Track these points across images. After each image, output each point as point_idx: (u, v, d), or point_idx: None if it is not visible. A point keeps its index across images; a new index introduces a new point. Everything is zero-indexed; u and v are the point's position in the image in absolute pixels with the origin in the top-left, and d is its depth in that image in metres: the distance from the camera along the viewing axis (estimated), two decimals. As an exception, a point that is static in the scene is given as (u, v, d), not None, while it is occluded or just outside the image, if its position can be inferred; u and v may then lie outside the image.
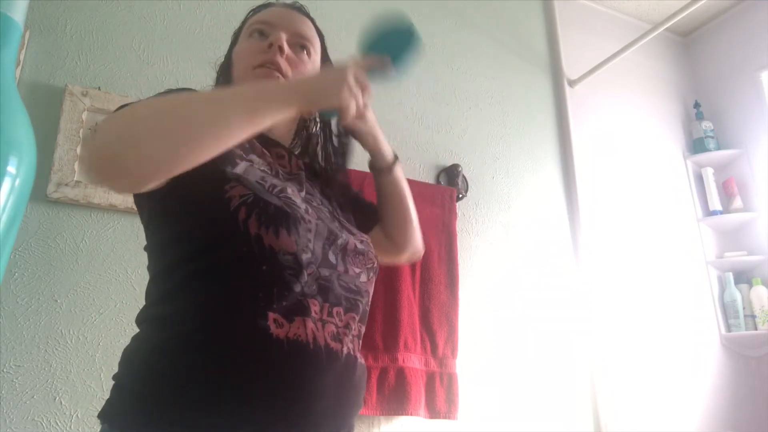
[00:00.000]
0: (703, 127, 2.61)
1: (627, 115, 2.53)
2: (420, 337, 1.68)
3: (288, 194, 0.78)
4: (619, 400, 2.01)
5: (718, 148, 2.60)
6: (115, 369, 0.74)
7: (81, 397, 1.32)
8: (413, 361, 1.64)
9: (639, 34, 2.25)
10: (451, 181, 1.97)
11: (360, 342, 0.82)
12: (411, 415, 1.58)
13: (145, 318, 0.75)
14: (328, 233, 0.78)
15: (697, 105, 2.68)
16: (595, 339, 2.05)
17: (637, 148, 2.49)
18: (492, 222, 2.04)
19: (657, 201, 2.43)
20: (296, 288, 0.72)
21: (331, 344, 0.73)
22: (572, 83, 2.40)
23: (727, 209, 2.49)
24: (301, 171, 0.88)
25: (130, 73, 1.59)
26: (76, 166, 1.44)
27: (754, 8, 2.61)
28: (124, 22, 1.63)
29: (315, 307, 0.73)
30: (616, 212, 2.31)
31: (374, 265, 0.86)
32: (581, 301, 2.09)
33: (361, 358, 0.81)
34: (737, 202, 2.48)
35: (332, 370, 0.73)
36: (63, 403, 1.30)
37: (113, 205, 1.45)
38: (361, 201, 1.05)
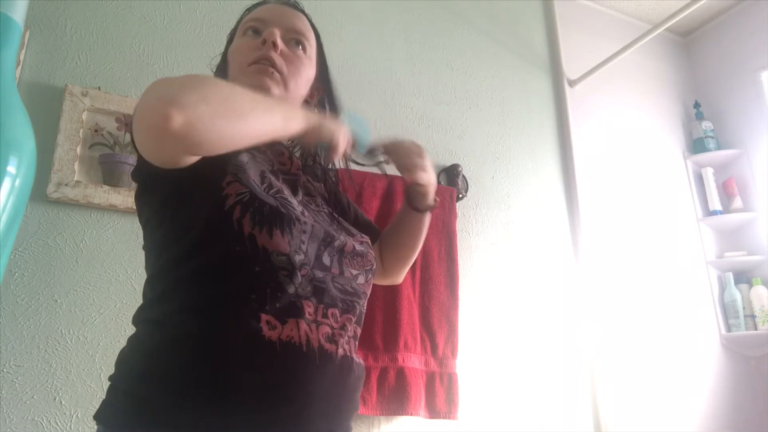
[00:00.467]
0: (703, 127, 2.61)
1: (627, 115, 2.53)
2: (420, 337, 1.68)
3: (284, 195, 0.78)
4: (619, 400, 2.01)
5: (718, 148, 2.59)
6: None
7: (81, 397, 1.32)
8: (413, 361, 1.64)
9: (639, 34, 2.25)
10: (451, 181, 1.97)
11: (356, 343, 0.81)
12: (411, 415, 1.58)
13: (141, 319, 0.76)
14: (325, 235, 0.78)
15: (697, 105, 2.68)
16: (595, 339, 2.05)
17: (637, 148, 2.49)
18: (492, 222, 2.04)
19: (657, 201, 2.43)
20: (290, 289, 0.71)
21: (326, 346, 0.73)
22: (572, 83, 2.40)
23: (727, 209, 2.49)
24: (299, 172, 0.88)
25: (130, 73, 1.59)
26: (76, 166, 1.44)
27: (754, 8, 2.61)
28: (124, 22, 1.63)
29: (309, 308, 0.73)
30: (616, 212, 2.31)
31: (372, 267, 0.86)
32: (581, 301, 2.09)
33: (358, 359, 0.80)
34: (737, 202, 2.47)
35: (326, 372, 0.72)
36: (63, 403, 1.30)
37: (113, 205, 1.45)
38: (362, 219, 1.04)
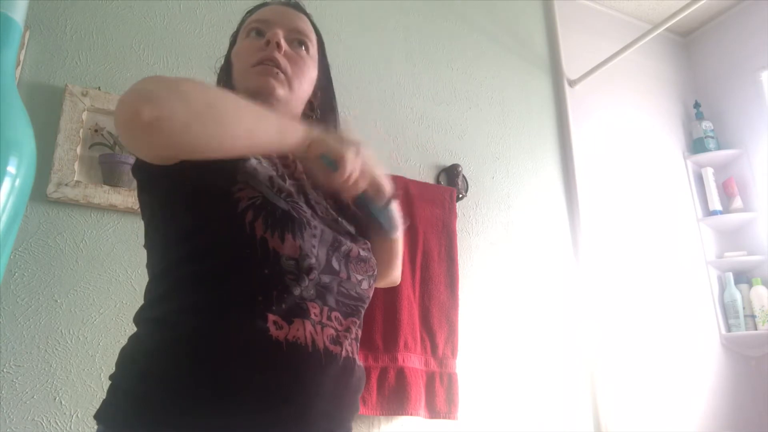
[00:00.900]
0: (703, 127, 2.61)
1: (627, 115, 2.53)
2: (420, 337, 1.68)
3: (295, 199, 0.78)
4: (619, 400, 2.01)
5: (718, 148, 2.59)
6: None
7: (81, 397, 1.32)
8: (413, 361, 1.64)
9: (639, 34, 2.25)
10: (451, 181, 1.97)
11: (358, 345, 0.82)
12: (411, 415, 1.58)
13: (142, 318, 0.75)
14: (333, 240, 0.78)
15: (697, 105, 2.68)
16: (595, 339, 2.05)
17: (637, 148, 2.49)
18: (492, 222, 2.04)
19: (657, 201, 2.43)
20: (295, 291, 0.72)
21: (330, 347, 0.73)
22: (572, 83, 2.40)
23: (727, 209, 2.49)
24: (304, 176, 0.88)
25: (130, 73, 1.59)
26: (76, 166, 1.44)
27: (754, 8, 2.61)
28: (124, 22, 1.63)
29: (314, 310, 0.73)
30: (616, 212, 2.31)
31: (374, 273, 0.87)
32: (581, 301, 2.09)
33: (359, 361, 0.81)
34: (737, 202, 2.48)
35: (330, 373, 0.73)
36: (63, 403, 1.30)
37: (113, 205, 1.45)
38: (359, 216, 1.04)
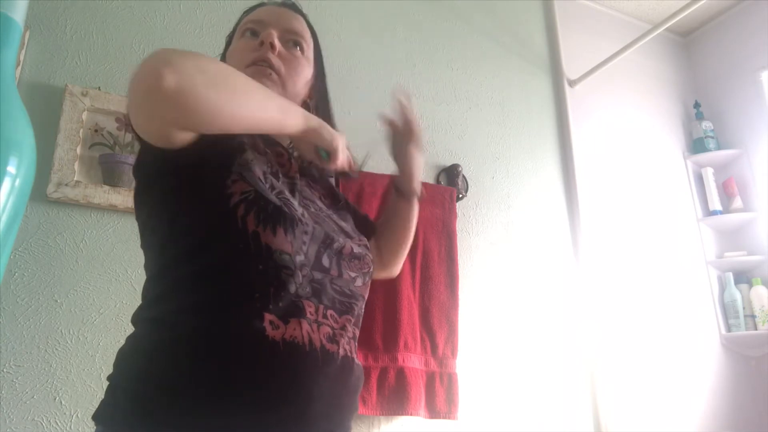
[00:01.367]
0: (703, 127, 2.61)
1: (627, 115, 2.53)
2: (420, 337, 1.68)
3: (286, 196, 0.78)
4: (619, 400, 2.01)
5: (718, 148, 2.59)
6: (115, 369, 0.74)
7: (81, 397, 1.32)
8: (413, 361, 1.64)
9: (639, 34, 2.25)
10: (451, 181, 1.97)
11: (356, 344, 0.82)
12: (411, 415, 1.58)
13: (140, 318, 0.75)
14: (324, 237, 0.78)
15: (697, 105, 2.68)
16: (595, 339, 2.05)
17: (637, 148, 2.49)
18: (492, 222, 2.04)
19: (657, 201, 2.43)
20: (291, 288, 0.72)
21: (327, 346, 0.73)
22: (572, 83, 2.40)
23: (727, 209, 2.49)
24: (298, 175, 0.88)
25: (130, 73, 1.59)
26: (76, 166, 1.44)
27: (754, 8, 2.61)
28: (124, 22, 1.63)
29: (310, 308, 0.73)
30: (616, 212, 2.31)
31: (370, 270, 0.87)
32: (581, 301, 2.09)
33: (357, 361, 0.81)
34: (737, 202, 2.47)
35: (328, 372, 0.73)
36: (63, 403, 1.30)
37: (113, 205, 1.45)
38: (359, 214, 1.05)
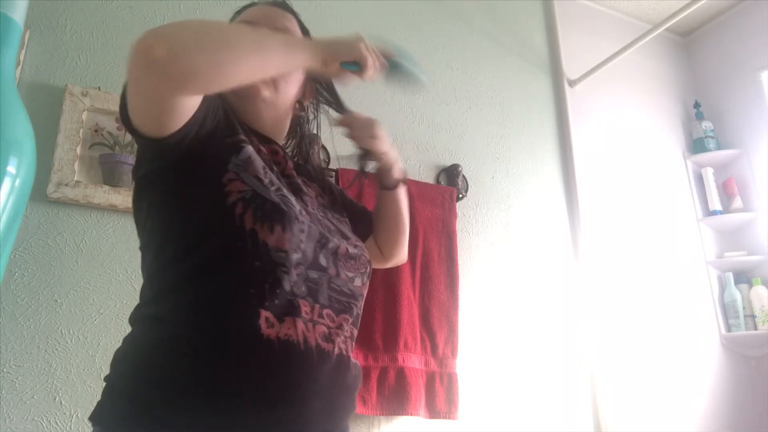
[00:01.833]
0: (703, 127, 2.61)
1: (627, 115, 2.53)
2: (420, 337, 1.68)
3: (284, 193, 0.78)
4: (619, 400, 2.01)
5: (718, 148, 2.59)
6: (115, 369, 0.74)
7: (81, 397, 1.32)
8: (413, 361, 1.64)
9: (639, 34, 2.25)
10: (451, 181, 1.97)
11: (353, 344, 0.82)
12: (411, 415, 1.58)
13: (137, 318, 0.76)
14: (320, 236, 0.78)
15: (697, 105, 2.68)
16: (595, 339, 2.05)
17: (637, 148, 2.49)
18: (492, 222, 2.04)
19: (657, 201, 2.43)
20: (286, 286, 0.71)
21: (323, 345, 0.73)
22: (572, 83, 2.40)
23: (727, 209, 2.49)
24: (294, 173, 0.88)
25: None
26: (76, 166, 1.44)
27: (754, 8, 2.61)
28: (124, 22, 1.63)
29: (306, 307, 0.73)
30: (616, 212, 2.31)
31: (367, 270, 0.87)
32: (581, 301, 2.09)
33: (354, 360, 0.81)
34: (737, 202, 2.47)
35: (324, 371, 0.73)
36: (63, 403, 1.30)
37: (113, 205, 1.45)
38: (356, 208, 1.05)
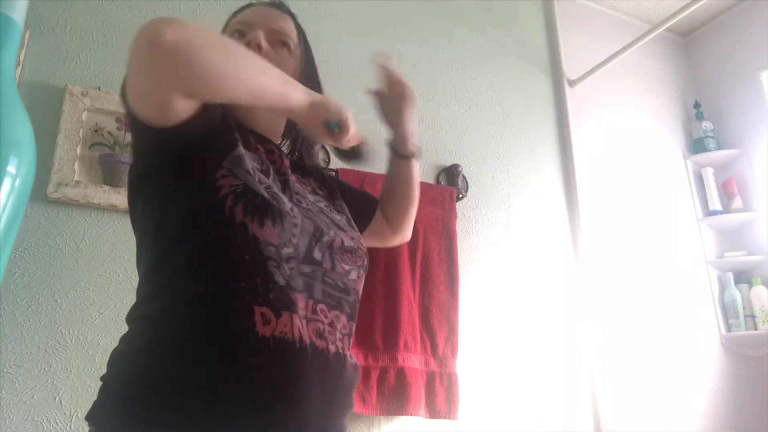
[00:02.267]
0: (703, 127, 2.61)
1: (627, 115, 2.53)
2: (420, 337, 1.68)
3: (275, 191, 0.78)
4: (619, 400, 2.01)
5: (718, 148, 2.59)
6: (114, 369, 0.74)
7: (81, 397, 1.32)
8: (413, 361, 1.64)
9: (639, 34, 2.25)
10: (451, 181, 1.97)
11: (350, 340, 0.81)
12: (411, 415, 1.58)
13: (133, 317, 0.76)
14: (314, 230, 0.78)
15: (697, 105, 2.68)
16: (595, 339, 2.05)
17: (637, 148, 2.49)
18: (492, 222, 2.04)
19: (657, 201, 2.43)
20: (280, 281, 0.71)
21: (317, 342, 0.73)
22: (572, 83, 2.40)
23: (727, 209, 2.49)
24: (289, 171, 0.88)
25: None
26: (76, 166, 1.44)
27: (754, 8, 2.61)
28: (124, 22, 1.63)
29: (301, 302, 0.73)
30: (616, 212, 2.31)
31: (364, 263, 0.86)
32: (581, 301, 2.09)
33: (351, 357, 0.80)
34: (737, 202, 2.47)
35: (319, 369, 0.72)
36: (63, 403, 1.30)
37: (113, 205, 1.45)
38: (357, 194, 1.06)
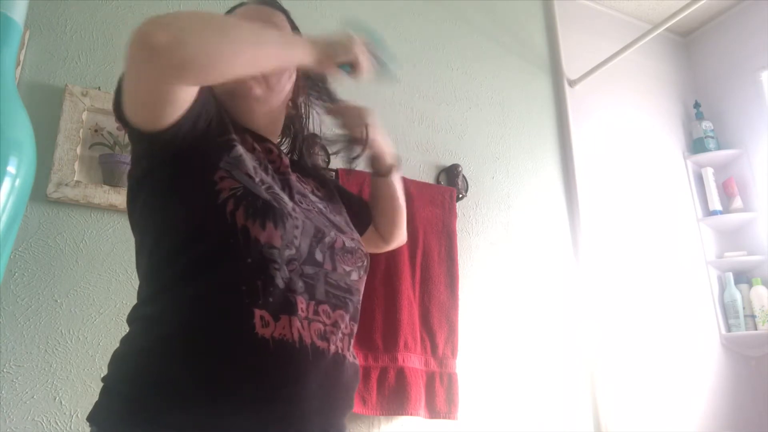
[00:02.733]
0: (703, 127, 2.61)
1: (627, 115, 2.53)
2: (420, 337, 1.68)
3: (276, 191, 0.78)
4: (619, 400, 2.01)
5: (718, 148, 2.59)
6: (115, 369, 0.74)
7: (81, 397, 1.31)
8: (413, 361, 1.64)
9: (639, 34, 2.25)
10: (451, 181, 1.97)
11: (351, 341, 0.81)
12: (411, 415, 1.58)
13: (134, 318, 0.76)
14: (315, 231, 0.78)
15: (697, 105, 2.68)
16: (595, 339, 2.05)
17: (637, 148, 2.49)
18: (492, 222, 2.04)
19: (657, 201, 2.43)
20: (280, 283, 0.71)
21: (318, 343, 0.73)
22: (572, 83, 2.40)
23: (727, 209, 2.49)
24: (288, 170, 0.89)
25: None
26: (76, 166, 1.44)
27: (754, 8, 2.61)
28: (124, 22, 1.63)
29: (301, 304, 0.73)
30: (616, 212, 2.31)
31: (365, 263, 0.87)
32: (581, 301, 2.09)
33: (352, 357, 0.80)
34: (737, 202, 2.47)
35: (319, 370, 0.72)
36: (63, 403, 1.30)
37: (113, 205, 1.45)
38: (354, 199, 1.07)
